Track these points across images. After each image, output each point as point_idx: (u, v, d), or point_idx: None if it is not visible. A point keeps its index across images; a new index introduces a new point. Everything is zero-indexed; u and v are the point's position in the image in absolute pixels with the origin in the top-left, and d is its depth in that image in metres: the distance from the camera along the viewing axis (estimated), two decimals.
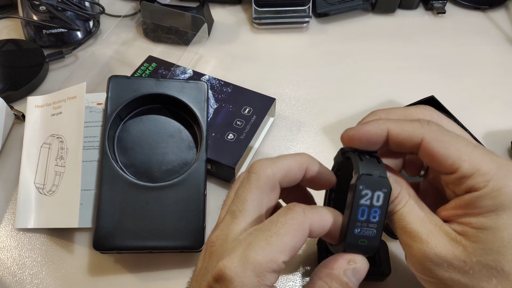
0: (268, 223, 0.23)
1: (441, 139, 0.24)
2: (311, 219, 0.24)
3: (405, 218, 0.25)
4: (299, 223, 0.23)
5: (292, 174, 0.26)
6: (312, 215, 0.24)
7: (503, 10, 0.64)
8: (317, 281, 0.24)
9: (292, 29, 0.60)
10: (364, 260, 0.25)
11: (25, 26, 0.56)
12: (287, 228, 0.23)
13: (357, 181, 0.24)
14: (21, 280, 0.38)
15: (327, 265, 0.25)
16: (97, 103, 0.42)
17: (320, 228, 0.24)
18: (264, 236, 0.23)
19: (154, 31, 0.58)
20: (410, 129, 0.25)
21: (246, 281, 0.21)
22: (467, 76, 0.55)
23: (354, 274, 0.24)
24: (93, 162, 0.40)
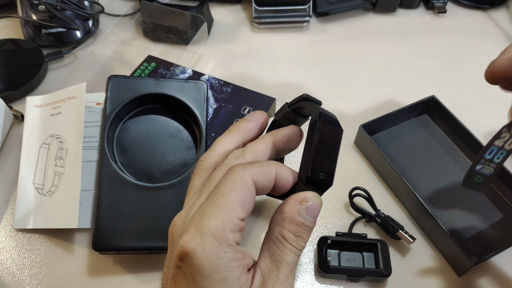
0: (213, 189, 0.24)
1: None
2: (252, 171, 0.24)
3: None
4: (240, 178, 0.23)
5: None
6: (252, 168, 0.24)
7: (504, 10, 0.64)
8: (275, 228, 0.25)
9: (292, 28, 0.60)
10: (316, 196, 0.25)
11: (24, 25, 0.56)
12: (229, 186, 0.23)
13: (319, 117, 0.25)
14: (20, 280, 0.37)
15: (281, 210, 0.25)
16: (96, 103, 0.42)
17: (264, 178, 0.24)
18: (211, 201, 0.23)
19: (153, 31, 0.58)
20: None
21: (207, 247, 0.22)
22: (468, 76, 0.55)
23: (309, 212, 0.24)
24: (92, 162, 0.40)
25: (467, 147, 0.45)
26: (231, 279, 0.22)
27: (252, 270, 0.24)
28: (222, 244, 0.22)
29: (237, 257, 0.23)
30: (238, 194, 0.23)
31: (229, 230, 0.22)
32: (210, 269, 0.22)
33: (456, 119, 0.45)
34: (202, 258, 0.22)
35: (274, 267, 0.24)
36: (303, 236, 0.24)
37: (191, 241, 0.22)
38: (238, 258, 0.23)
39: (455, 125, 0.46)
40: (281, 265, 0.24)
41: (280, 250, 0.24)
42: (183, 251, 0.22)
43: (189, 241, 0.22)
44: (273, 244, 0.24)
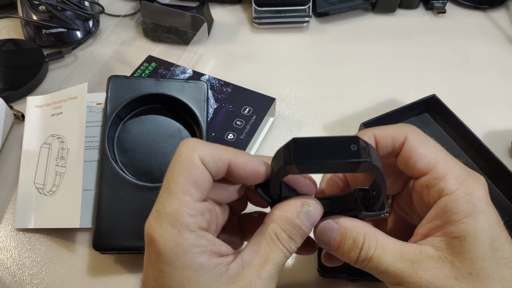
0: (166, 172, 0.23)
1: (421, 140, 0.25)
2: (201, 150, 0.23)
3: (383, 261, 0.23)
4: (187, 158, 0.22)
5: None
6: (202, 147, 0.23)
7: (504, 10, 0.64)
8: (270, 224, 0.24)
9: (292, 28, 0.60)
10: (317, 204, 0.25)
11: (24, 26, 0.56)
12: (178, 169, 0.23)
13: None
14: (21, 280, 0.37)
15: (280, 208, 0.24)
16: (96, 103, 0.42)
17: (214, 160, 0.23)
18: (164, 186, 0.23)
19: (153, 31, 0.58)
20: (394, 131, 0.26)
21: (165, 234, 0.22)
22: (468, 76, 0.55)
23: (307, 217, 0.24)
24: (92, 162, 0.40)
25: (468, 146, 0.45)
26: (194, 265, 0.22)
27: (230, 257, 0.23)
28: (180, 230, 0.22)
29: (201, 243, 0.22)
30: (188, 175, 0.22)
31: (186, 215, 0.22)
32: (170, 256, 0.22)
33: (457, 118, 0.45)
34: (161, 245, 0.22)
35: (259, 263, 0.23)
36: (296, 239, 0.24)
37: (151, 228, 0.22)
38: (202, 245, 0.22)
39: (455, 124, 0.46)
40: (267, 262, 0.23)
41: (270, 247, 0.23)
42: (147, 236, 0.23)
43: (149, 228, 0.22)
44: (264, 239, 0.24)
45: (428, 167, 0.24)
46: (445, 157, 0.24)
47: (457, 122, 0.45)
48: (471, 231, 0.22)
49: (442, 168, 0.24)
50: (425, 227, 0.24)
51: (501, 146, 0.47)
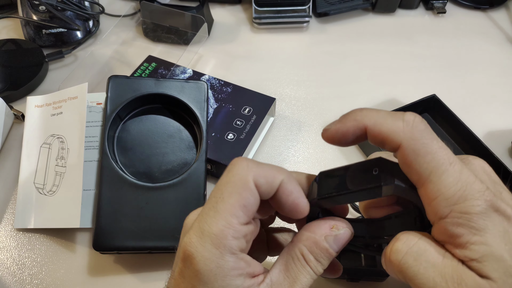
0: (214, 188, 0.23)
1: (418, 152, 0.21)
2: (255, 172, 0.22)
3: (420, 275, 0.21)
4: (241, 179, 0.22)
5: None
6: (256, 168, 0.22)
7: (504, 10, 0.64)
8: (297, 244, 0.24)
9: (292, 29, 0.60)
10: (347, 228, 0.24)
11: (24, 26, 0.56)
12: (229, 190, 0.22)
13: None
14: (21, 280, 0.37)
15: (309, 229, 0.24)
16: (96, 102, 0.42)
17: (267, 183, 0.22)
18: (212, 204, 0.22)
19: (154, 31, 0.58)
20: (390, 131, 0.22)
21: (206, 254, 0.21)
22: (468, 76, 0.55)
23: (336, 241, 0.24)
24: (92, 162, 0.40)
25: (468, 145, 0.46)
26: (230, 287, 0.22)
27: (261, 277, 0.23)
28: (223, 252, 0.21)
29: (239, 266, 0.22)
30: (239, 198, 0.22)
31: (231, 238, 0.21)
32: (208, 277, 0.21)
33: (457, 118, 0.45)
34: (201, 264, 0.21)
35: (287, 283, 0.23)
36: (323, 262, 0.24)
37: (191, 245, 0.22)
38: (240, 267, 0.22)
39: (456, 124, 0.46)
40: (295, 283, 0.23)
41: (298, 268, 0.23)
42: (185, 253, 0.22)
43: (189, 244, 0.22)
44: (292, 260, 0.24)
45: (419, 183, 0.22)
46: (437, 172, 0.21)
47: (457, 122, 0.45)
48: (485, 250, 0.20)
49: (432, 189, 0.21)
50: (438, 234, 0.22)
51: (501, 146, 0.47)
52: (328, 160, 0.46)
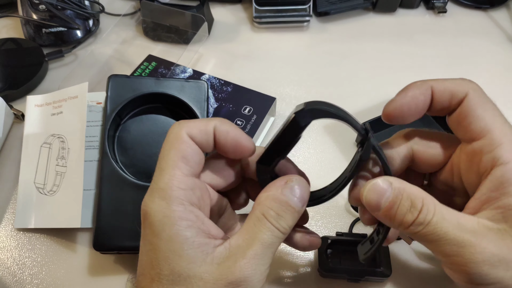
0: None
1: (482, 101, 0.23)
2: (187, 126, 0.24)
3: (443, 226, 0.22)
4: (175, 136, 0.24)
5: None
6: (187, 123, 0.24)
7: (504, 10, 0.64)
8: (257, 207, 0.24)
9: (292, 28, 0.60)
10: (302, 178, 0.24)
11: (24, 25, 0.56)
12: (167, 148, 0.24)
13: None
14: (21, 280, 0.37)
15: (265, 190, 0.24)
16: (96, 102, 0.42)
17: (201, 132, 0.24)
18: (157, 166, 0.24)
19: (154, 30, 0.58)
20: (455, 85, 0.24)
21: (155, 207, 0.22)
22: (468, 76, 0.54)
23: (292, 191, 0.24)
24: (93, 162, 0.40)
25: None
26: (179, 238, 0.22)
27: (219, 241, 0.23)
28: (169, 202, 0.22)
29: (188, 218, 0.22)
30: (177, 151, 0.23)
31: (176, 188, 0.22)
32: (158, 228, 0.22)
33: None
34: (151, 217, 0.22)
35: (245, 243, 0.22)
36: (285, 216, 0.23)
37: (144, 204, 0.23)
38: (189, 219, 0.22)
39: None
40: (252, 242, 0.22)
41: (257, 227, 0.23)
42: (142, 215, 0.23)
43: (143, 204, 0.23)
44: (251, 222, 0.23)
45: (483, 131, 0.22)
46: (503, 123, 0.23)
47: None
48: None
49: (498, 134, 0.22)
50: (478, 199, 0.23)
51: None
52: (328, 160, 0.46)
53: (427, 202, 0.23)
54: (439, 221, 0.22)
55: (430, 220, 0.22)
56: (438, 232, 0.22)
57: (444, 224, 0.22)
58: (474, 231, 0.21)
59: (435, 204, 0.23)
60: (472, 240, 0.21)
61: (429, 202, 0.23)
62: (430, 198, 0.23)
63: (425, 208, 0.22)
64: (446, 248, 0.22)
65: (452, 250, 0.22)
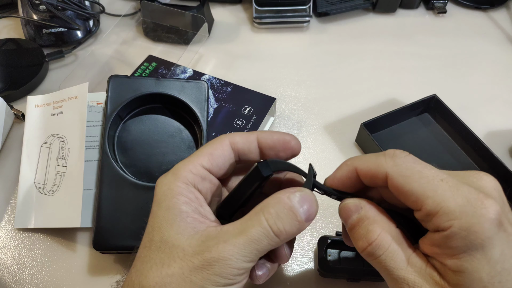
0: None
1: (405, 174, 0.23)
2: (230, 136, 0.27)
3: (388, 264, 0.23)
4: (217, 139, 0.27)
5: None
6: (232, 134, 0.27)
7: (504, 10, 0.64)
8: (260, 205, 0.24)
9: (292, 28, 0.60)
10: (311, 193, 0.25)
11: (25, 25, 0.56)
12: (206, 144, 0.27)
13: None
14: (21, 279, 0.37)
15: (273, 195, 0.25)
16: (97, 102, 0.42)
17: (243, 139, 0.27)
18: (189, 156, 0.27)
19: (154, 31, 0.58)
20: (375, 166, 0.24)
21: (164, 180, 0.25)
22: (468, 76, 0.55)
23: (300, 200, 0.24)
24: (93, 161, 0.40)
25: (468, 145, 0.45)
26: (175, 210, 0.24)
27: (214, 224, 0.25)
28: (176, 178, 0.25)
29: (188, 196, 0.25)
30: (209, 147, 0.26)
31: (188, 170, 0.25)
32: (160, 197, 0.25)
33: (457, 118, 0.45)
34: (158, 187, 0.25)
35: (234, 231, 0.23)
36: (284, 218, 0.23)
37: (159, 179, 0.26)
38: (188, 197, 0.24)
39: (456, 124, 0.46)
40: (240, 232, 0.23)
41: (251, 220, 0.23)
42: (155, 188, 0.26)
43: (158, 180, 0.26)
44: (249, 215, 0.24)
45: (417, 204, 0.22)
46: (435, 189, 0.22)
47: (457, 122, 0.45)
48: (466, 267, 0.21)
49: (431, 205, 0.22)
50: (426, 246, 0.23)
51: (501, 146, 0.47)
52: (328, 159, 0.46)
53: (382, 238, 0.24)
54: (387, 260, 0.23)
55: (380, 256, 0.24)
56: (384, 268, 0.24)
57: (391, 264, 0.23)
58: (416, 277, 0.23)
59: (390, 243, 0.24)
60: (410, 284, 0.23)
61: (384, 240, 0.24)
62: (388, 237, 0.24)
63: (376, 243, 0.24)
64: (389, 282, 0.24)
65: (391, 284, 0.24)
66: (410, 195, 0.23)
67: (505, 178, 0.42)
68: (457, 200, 0.21)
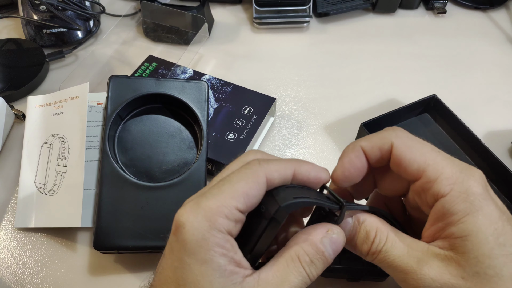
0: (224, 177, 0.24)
1: (408, 144, 0.25)
2: (267, 168, 0.24)
3: (391, 254, 0.24)
4: (252, 172, 0.23)
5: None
6: (268, 165, 0.24)
7: (504, 10, 0.64)
8: (293, 246, 0.24)
9: (292, 29, 0.60)
10: (342, 233, 0.25)
11: (25, 25, 0.56)
12: (239, 176, 0.23)
13: None
14: (21, 279, 0.38)
15: (305, 232, 0.25)
16: (97, 102, 0.42)
17: (280, 176, 0.24)
18: (218, 185, 0.23)
19: (154, 31, 0.58)
20: (379, 139, 0.26)
21: (196, 224, 0.22)
22: (468, 76, 0.55)
23: (331, 244, 0.24)
24: (93, 161, 0.40)
25: (468, 146, 0.46)
26: (213, 264, 0.22)
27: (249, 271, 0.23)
28: (212, 226, 0.22)
29: (225, 246, 0.22)
30: (245, 185, 0.23)
31: (223, 216, 0.22)
32: (193, 247, 0.22)
33: (457, 118, 0.45)
34: (189, 234, 0.22)
35: (276, 282, 0.23)
36: (317, 265, 0.24)
37: (184, 214, 0.22)
38: (225, 247, 0.22)
39: (456, 124, 0.46)
40: (283, 282, 0.23)
41: (290, 268, 0.23)
42: (176, 223, 0.22)
43: (182, 214, 0.22)
44: (285, 260, 0.23)
45: (418, 171, 0.24)
46: (434, 158, 0.24)
47: (457, 122, 0.45)
48: (471, 229, 0.22)
49: (432, 171, 0.24)
50: (429, 230, 0.24)
51: (501, 146, 0.47)
52: (328, 160, 0.46)
53: (380, 232, 0.25)
54: (388, 249, 0.24)
55: (381, 248, 0.24)
56: (387, 260, 0.24)
57: (393, 251, 0.24)
58: (419, 258, 0.23)
59: (388, 233, 0.25)
60: (414, 267, 0.23)
61: (382, 232, 0.25)
62: (384, 228, 0.25)
63: (378, 237, 0.25)
64: (395, 274, 0.24)
65: (399, 276, 0.24)
66: (412, 163, 0.24)
67: (505, 178, 0.42)
68: (453, 168, 0.24)
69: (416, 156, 0.24)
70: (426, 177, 0.24)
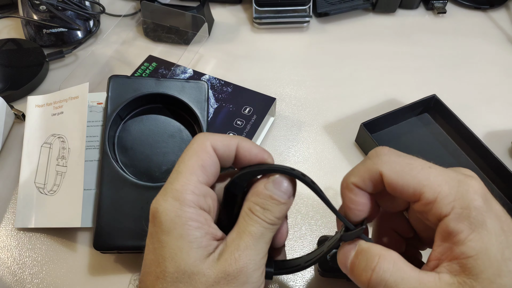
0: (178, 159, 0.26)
1: (396, 170, 0.24)
2: (211, 137, 0.25)
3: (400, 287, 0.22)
4: (199, 145, 0.25)
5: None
6: (212, 136, 0.26)
7: (504, 10, 0.64)
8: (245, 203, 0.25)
9: (292, 28, 0.60)
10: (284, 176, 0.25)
11: (25, 25, 0.56)
12: (190, 154, 0.25)
13: None
14: (21, 279, 0.38)
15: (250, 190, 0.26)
16: (97, 102, 0.42)
17: (224, 146, 0.25)
18: (175, 169, 0.25)
19: (154, 31, 0.58)
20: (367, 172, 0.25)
21: (167, 206, 0.23)
22: (468, 76, 0.55)
23: (275, 185, 0.25)
24: (93, 161, 0.40)
25: (468, 145, 0.46)
26: (188, 237, 0.23)
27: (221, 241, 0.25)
28: (182, 204, 0.23)
29: (198, 220, 0.24)
30: (198, 159, 0.25)
31: (190, 192, 0.24)
32: (169, 225, 0.23)
33: (457, 118, 0.45)
34: (163, 216, 0.23)
35: (237, 237, 0.24)
36: (271, 209, 0.25)
37: (156, 202, 0.24)
38: (198, 221, 0.24)
39: (456, 124, 0.46)
40: (243, 234, 0.24)
41: (246, 221, 0.25)
42: (151, 212, 0.24)
43: (154, 203, 0.24)
44: (242, 218, 0.25)
45: (415, 195, 0.23)
46: (427, 177, 0.23)
47: (457, 122, 0.45)
48: (480, 247, 0.21)
49: (429, 192, 0.22)
50: (436, 251, 0.23)
51: (501, 146, 0.47)
52: (328, 160, 0.46)
53: (384, 259, 0.23)
54: (398, 282, 0.22)
55: (388, 279, 0.22)
56: None
57: (403, 285, 0.22)
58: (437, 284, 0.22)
59: (394, 262, 0.23)
60: None
61: (387, 260, 0.23)
62: (389, 256, 0.23)
63: (380, 266, 0.23)
64: None
65: None
66: (407, 188, 0.23)
67: (505, 178, 0.42)
68: (449, 183, 0.22)
69: (409, 180, 0.23)
70: (425, 199, 0.23)
